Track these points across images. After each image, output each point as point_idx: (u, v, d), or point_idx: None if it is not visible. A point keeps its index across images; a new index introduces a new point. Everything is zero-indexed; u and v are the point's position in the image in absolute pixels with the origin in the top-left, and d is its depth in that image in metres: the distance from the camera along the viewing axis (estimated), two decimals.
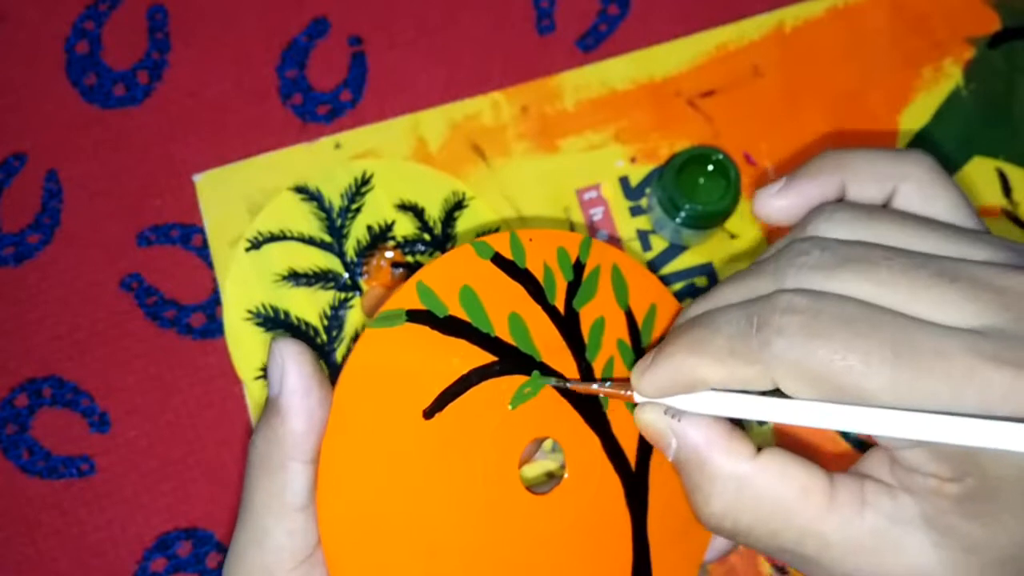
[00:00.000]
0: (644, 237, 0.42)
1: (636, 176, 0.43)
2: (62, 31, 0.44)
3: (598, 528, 0.26)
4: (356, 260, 0.41)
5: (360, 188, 0.41)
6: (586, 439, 0.26)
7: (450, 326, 0.24)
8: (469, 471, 0.24)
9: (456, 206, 0.41)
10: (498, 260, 0.25)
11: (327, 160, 0.42)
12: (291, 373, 0.23)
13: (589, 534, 0.26)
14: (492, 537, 0.24)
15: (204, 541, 0.39)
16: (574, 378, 0.26)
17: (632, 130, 0.43)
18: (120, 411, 0.40)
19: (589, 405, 0.26)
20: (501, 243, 0.26)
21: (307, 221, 0.41)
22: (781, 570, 0.39)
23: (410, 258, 0.41)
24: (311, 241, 0.41)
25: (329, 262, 0.41)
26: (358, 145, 0.43)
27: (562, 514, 0.25)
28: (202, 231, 0.42)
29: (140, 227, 0.42)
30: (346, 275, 0.40)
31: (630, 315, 0.27)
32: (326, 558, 0.23)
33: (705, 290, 0.26)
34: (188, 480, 0.40)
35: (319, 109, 0.44)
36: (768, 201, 0.25)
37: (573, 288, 0.26)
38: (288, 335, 0.40)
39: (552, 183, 0.42)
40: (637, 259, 0.40)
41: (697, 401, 0.23)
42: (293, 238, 0.41)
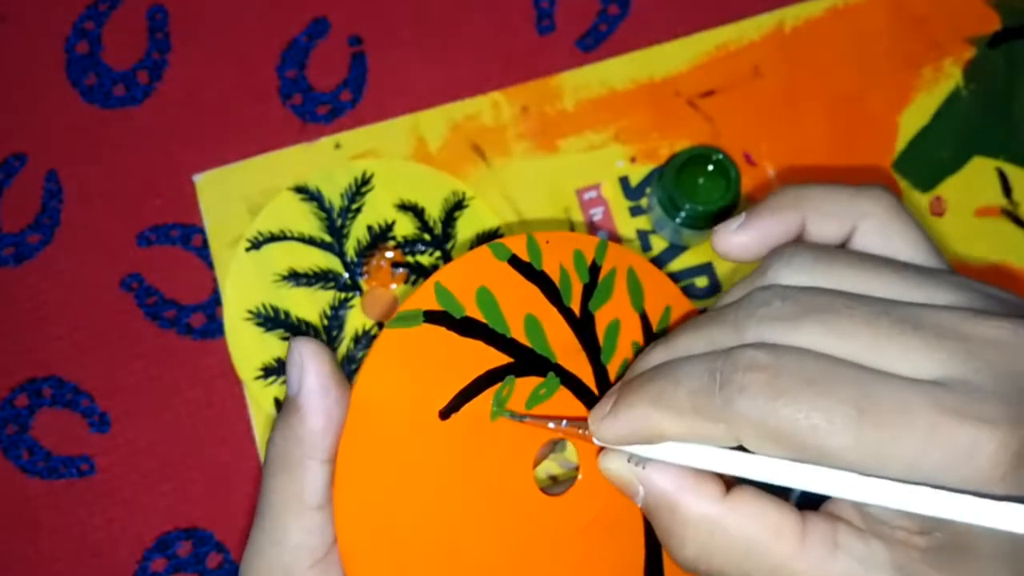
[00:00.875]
0: (644, 237, 0.42)
1: (636, 176, 0.43)
2: (62, 31, 0.44)
3: (611, 529, 0.26)
4: (356, 260, 0.41)
5: (360, 188, 0.41)
6: None
7: (467, 327, 0.24)
8: (484, 471, 0.24)
9: (456, 206, 0.41)
10: (515, 262, 0.26)
11: (327, 160, 0.42)
12: (310, 372, 0.23)
13: (602, 535, 0.26)
14: (506, 537, 0.24)
15: (204, 541, 0.39)
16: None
17: (632, 130, 0.43)
18: (120, 411, 0.40)
19: None
20: (518, 245, 0.26)
21: (307, 221, 0.41)
22: None
23: (410, 258, 0.41)
24: (311, 241, 0.41)
25: (329, 262, 0.41)
26: (358, 145, 0.43)
27: (575, 515, 0.25)
28: (202, 231, 0.42)
29: (140, 227, 0.42)
30: (346, 275, 0.40)
31: (645, 318, 0.27)
32: (342, 557, 0.23)
33: (664, 334, 0.26)
34: (188, 480, 0.40)
35: (319, 109, 0.44)
36: (727, 238, 0.25)
37: (589, 290, 0.26)
38: (291, 335, 0.40)
39: (552, 183, 0.42)
40: None
41: (659, 451, 0.23)
42: (293, 238, 0.41)
